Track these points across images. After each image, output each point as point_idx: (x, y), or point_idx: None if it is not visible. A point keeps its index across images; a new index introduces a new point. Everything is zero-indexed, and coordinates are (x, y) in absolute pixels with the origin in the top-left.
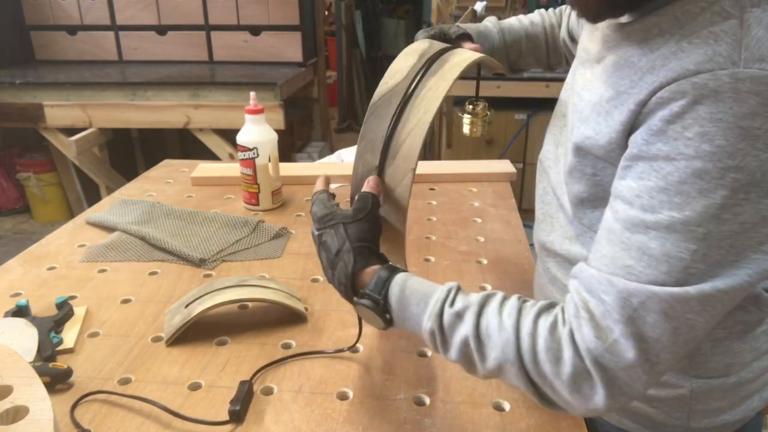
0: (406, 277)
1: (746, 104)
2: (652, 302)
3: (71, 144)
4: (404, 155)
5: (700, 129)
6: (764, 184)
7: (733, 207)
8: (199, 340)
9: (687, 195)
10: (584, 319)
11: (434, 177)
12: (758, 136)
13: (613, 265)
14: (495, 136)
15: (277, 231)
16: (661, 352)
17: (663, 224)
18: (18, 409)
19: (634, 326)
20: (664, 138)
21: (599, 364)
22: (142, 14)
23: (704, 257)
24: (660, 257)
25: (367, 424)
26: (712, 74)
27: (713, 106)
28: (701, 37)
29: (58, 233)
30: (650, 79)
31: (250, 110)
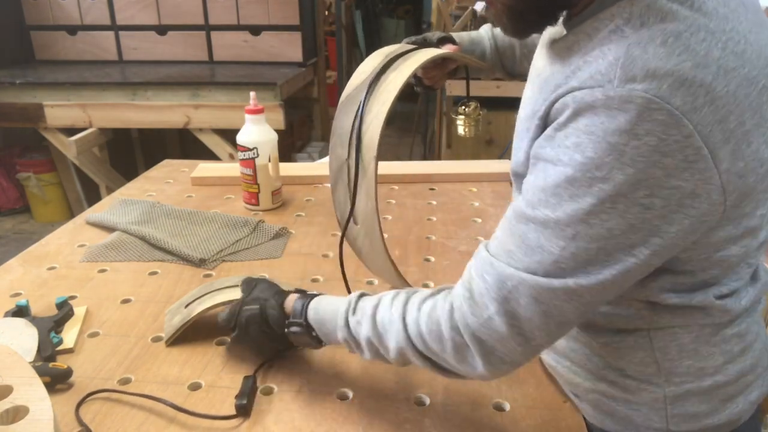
0: (319, 299)
1: (615, 121)
2: (524, 287)
3: (71, 144)
4: (367, 146)
5: (576, 139)
6: (631, 195)
7: (599, 214)
8: (199, 340)
9: (560, 197)
10: (464, 297)
11: (434, 177)
12: (624, 151)
13: (500, 247)
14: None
15: (277, 231)
16: (534, 329)
17: (539, 220)
18: (18, 409)
19: (508, 305)
20: (551, 143)
21: (476, 337)
22: (142, 14)
23: (573, 255)
24: (535, 248)
25: (367, 424)
26: (590, 90)
27: (588, 119)
28: (593, 56)
29: (58, 233)
30: (551, 96)
31: (250, 110)
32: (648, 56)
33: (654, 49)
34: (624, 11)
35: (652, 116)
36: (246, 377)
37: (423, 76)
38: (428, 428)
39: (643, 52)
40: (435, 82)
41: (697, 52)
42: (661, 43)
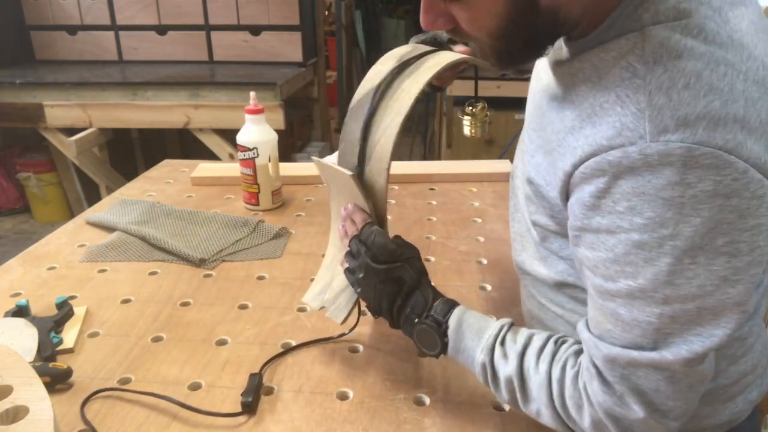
0: (463, 310)
1: (663, 176)
2: (637, 364)
3: (71, 144)
4: (378, 156)
5: (628, 203)
6: (709, 246)
7: (683, 272)
8: (199, 340)
9: (635, 265)
10: (593, 374)
11: (434, 177)
12: (683, 203)
13: (598, 327)
14: (495, 136)
15: (277, 231)
16: (667, 400)
17: (623, 293)
18: (18, 409)
19: (629, 382)
20: (599, 212)
21: (612, 416)
22: (142, 14)
23: (673, 319)
24: (631, 322)
25: (367, 424)
26: (623, 151)
27: (633, 181)
28: (610, 102)
29: (58, 233)
30: (571, 143)
31: (250, 110)
32: (674, 103)
33: (678, 94)
34: (636, 48)
35: (698, 162)
36: (252, 375)
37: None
38: (428, 428)
39: (667, 99)
40: (445, 82)
41: (721, 89)
42: (684, 87)
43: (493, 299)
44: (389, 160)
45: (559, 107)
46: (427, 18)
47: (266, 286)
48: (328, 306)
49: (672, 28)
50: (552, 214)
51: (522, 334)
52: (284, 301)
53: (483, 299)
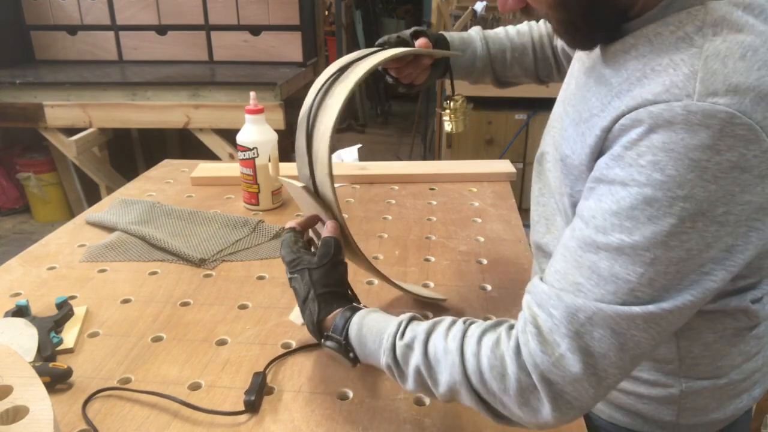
0: (364, 314)
1: (697, 136)
2: (599, 318)
3: (71, 144)
4: (320, 162)
5: (653, 157)
6: (710, 213)
7: (680, 235)
8: (199, 340)
9: (636, 220)
10: (531, 333)
11: (434, 177)
12: (707, 168)
13: (564, 281)
14: (495, 136)
15: (277, 231)
16: (609, 367)
17: (613, 246)
18: (18, 409)
19: (581, 341)
20: (621, 163)
21: (545, 378)
22: (142, 14)
23: (651, 281)
24: (608, 277)
25: (367, 424)
26: (667, 105)
27: (666, 135)
28: (663, 65)
29: (58, 233)
30: (616, 104)
31: (250, 110)
32: (728, 70)
33: (734, 63)
34: (696, 19)
35: (734, 131)
36: (256, 373)
37: (398, 75)
38: (428, 428)
39: (722, 65)
40: (414, 78)
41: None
42: (740, 57)
43: (493, 299)
44: (329, 165)
45: (606, 79)
46: None
47: (266, 286)
48: None
49: (734, 4)
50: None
51: (424, 325)
52: (284, 301)
53: (483, 299)
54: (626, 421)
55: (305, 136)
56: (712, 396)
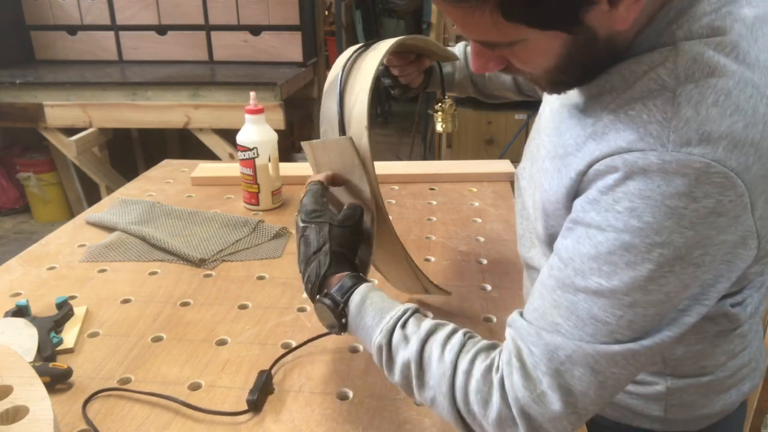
0: (370, 288)
1: (673, 184)
2: (578, 356)
3: (71, 144)
4: (357, 118)
5: (630, 204)
6: (687, 257)
7: (658, 279)
8: (199, 340)
9: (615, 265)
10: (515, 367)
11: (434, 177)
12: (684, 215)
13: (543, 320)
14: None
15: (277, 231)
16: (588, 405)
17: (591, 289)
18: (18, 409)
19: (561, 378)
20: (597, 208)
21: (525, 413)
22: (142, 14)
23: (630, 323)
24: (586, 319)
25: (367, 424)
26: (642, 154)
27: (642, 183)
28: (636, 110)
29: (58, 233)
30: (591, 148)
31: (250, 110)
32: (701, 118)
33: (706, 110)
34: (667, 61)
35: (710, 179)
36: (261, 372)
37: (399, 73)
38: (428, 428)
39: (695, 113)
40: (411, 80)
41: (746, 111)
42: (713, 103)
43: (493, 299)
44: (367, 117)
45: (581, 114)
46: (478, 62)
47: (266, 286)
48: None
49: (706, 44)
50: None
51: (427, 322)
52: (284, 301)
53: (483, 299)
54: (616, 415)
55: (338, 99)
56: (698, 392)
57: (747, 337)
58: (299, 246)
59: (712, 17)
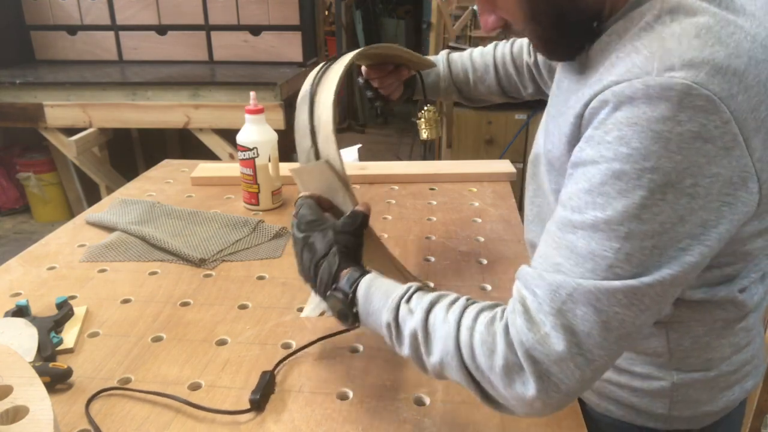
0: (375, 276)
1: (657, 109)
2: (579, 294)
3: (71, 144)
4: (323, 122)
5: (618, 133)
6: (679, 185)
7: (651, 207)
8: (199, 340)
9: (608, 195)
10: (519, 312)
11: (434, 177)
12: (670, 138)
13: (546, 262)
14: (495, 136)
15: (277, 231)
16: (594, 347)
17: (588, 224)
18: (18, 409)
19: (564, 318)
20: (591, 143)
21: (531, 356)
22: (142, 14)
23: (628, 256)
24: (586, 255)
25: (367, 424)
26: (629, 83)
27: (629, 111)
28: (626, 51)
29: (58, 233)
30: (585, 92)
31: (250, 110)
32: (683, 48)
33: (688, 41)
34: (653, 8)
35: (692, 102)
36: (264, 372)
37: (379, 85)
38: (428, 428)
39: (678, 44)
40: (391, 92)
41: (728, 43)
42: (695, 36)
43: (493, 299)
44: (332, 123)
45: (580, 73)
46: (482, 20)
47: (266, 286)
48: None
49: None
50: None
51: (431, 294)
52: (284, 301)
53: (483, 299)
54: (620, 413)
55: (308, 109)
56: (704, 388)
57: (751, 332)
58: (301, 255)
59: None
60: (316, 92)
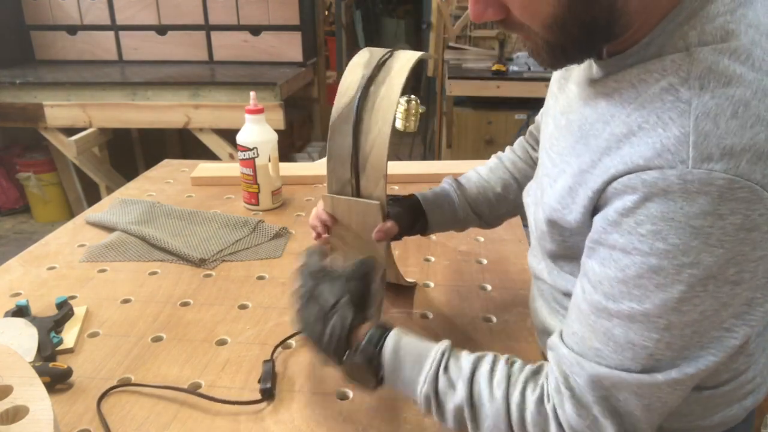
0: (398, 335)
1: (696, 204)
2: (622, 386)
3: (71, 144)
4: (373, 165)
5: (653, 227)
6: (721, 276)
7: (692, 299)
8: (199, 340)
9: (645, 288)
10: (566, 396)
11: (434, 177)
12: (710, 233)
13: (583, 345)
14: (495, 136)
15: (277, 231)
16: (637, 423)
17: (624, 314)
18: (18, 409)
19: (608, 404)
20: (619, 230)
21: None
22: (142, 14)
23: (668, 345)
24: (624, 344)
25: (367, 424)
26: (661, 172)
27: (663, 205)
28: (650, 123)
29: (58, 233)
30: (606, 164)
31: (250, 110)
32: (721, 131)
33: (725, 122)
34: (680, 69)
35: (734, 195)
36: (265, 361)
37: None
38: (428, 428)
39: (714, 126)
40: None
41: (767, 120)
42: (732, 115)
43: (493, 299)
44: (385, 167)
45: (590, 126)
46: (476, 8)
47: (266, 286)
48: None
49: (720, 52)
50: (563, 239)
51: (466, 359)
52: (284, 301)
53: (483, 299)
54: None
55: (351, 139)
56: (697, 403)
57: (753, 356)
58: (304, 305)
59: (726, 18)
60: (362, 118)
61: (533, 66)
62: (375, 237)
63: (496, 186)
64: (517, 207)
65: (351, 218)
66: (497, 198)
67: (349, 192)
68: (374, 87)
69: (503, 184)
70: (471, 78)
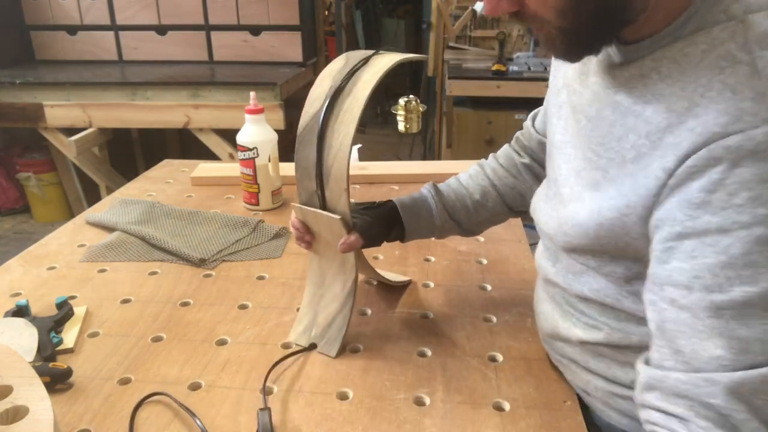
0: None
1: None
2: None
3: (71, 144)
4: (335, 178)
5: (750, 193)
6: None
7: None
8: (199, 340)
9: (756, 266)
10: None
11: (434, 177)
12: None
13: (699, 361)
14: (495, 136)
15: (277, 231)
16: None
17: (738, 302)
18: (18, 409)
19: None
20: (710, 209)
21: None
22: (142, 14)
23: None
24: (751, 340)
25: (367, 424)
26: (745, 135)
27: (755, 167)
28: (716, 90)
29: (58, 233)
30: (672, 141)
31: (250, 110)
32: None
33: None
34: (735, 35)
35: None
36: (261, 410)
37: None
38: (428, 428)
39: None
40: None
41: None
42: None
43: (493, 299)
44: (346, 180)
45: (631, 109)
46: (491, 1)
47: (266, 286)
48: (318, 341)
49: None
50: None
51: None
52: (284, 301)
53: (483, 299)
54: (624, 422)
55: (315, 151)
56: None
57: None
58: None
59: None
60: (326, 133)
61: (533, 66)
62: (339, 249)
63: (475, 193)
64: (496, 215)
65: (320, 228)
66: (475, 205)
67: (316, 203)
68: (341, 98)
69: (482, 192)
70: (471, 78)
